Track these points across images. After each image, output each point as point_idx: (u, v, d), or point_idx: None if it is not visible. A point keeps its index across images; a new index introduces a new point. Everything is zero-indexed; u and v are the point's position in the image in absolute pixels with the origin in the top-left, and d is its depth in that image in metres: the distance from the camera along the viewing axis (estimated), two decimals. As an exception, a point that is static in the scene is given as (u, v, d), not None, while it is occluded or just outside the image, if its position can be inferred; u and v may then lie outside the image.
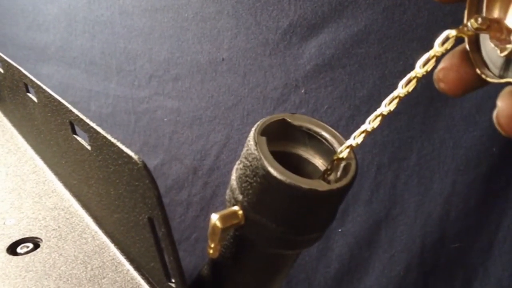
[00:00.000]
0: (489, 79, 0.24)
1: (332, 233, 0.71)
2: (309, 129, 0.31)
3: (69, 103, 0.45)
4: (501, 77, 0.24)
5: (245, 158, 0.28)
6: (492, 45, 0.24)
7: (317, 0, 0.65)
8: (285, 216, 0.28)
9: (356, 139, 0.27)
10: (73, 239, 0.46)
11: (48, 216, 0.51)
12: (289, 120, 0.30)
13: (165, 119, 0.92)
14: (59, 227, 0.49)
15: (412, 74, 0.25)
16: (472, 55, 0.25)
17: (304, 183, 0.26)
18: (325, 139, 0.30)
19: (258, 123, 0.29)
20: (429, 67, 0.24)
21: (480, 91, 0.24)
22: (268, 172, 0.26)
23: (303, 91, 0.70)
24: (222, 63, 0.78)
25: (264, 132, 0.29)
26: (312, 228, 0.29)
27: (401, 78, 0.25)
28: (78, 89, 1.10)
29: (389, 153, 0.64)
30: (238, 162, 0.30)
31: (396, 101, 0.26)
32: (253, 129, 0.29)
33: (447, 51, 0.24)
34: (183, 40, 0.84)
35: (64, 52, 1.14)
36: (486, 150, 0.58)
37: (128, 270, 0.41)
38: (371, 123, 0.26)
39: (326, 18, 0.65)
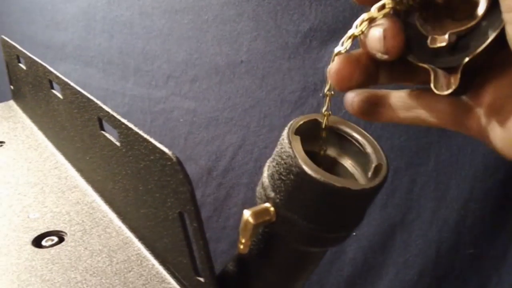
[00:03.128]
0: (410, 59, 0.26)
1: (346, 237, 0.72)
2: (340, 130, 0.31)
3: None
4: (422, 61, 0.26)
5: (279, 156, 0.29)
6: (419, 25, 0.26)
7: (338, 5, 0.65)
8: (317, 214, 0.29)
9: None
10: (98, 233, 0.47)
11: (71, 210, 0.52)
12: (321, 121, 0.31)
13: (181, 120, 0.93)
14: (83, 221, 0.49)
15: (349, 33, 0.28)
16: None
17: (337, 181, 0.27)
18: (356, 140, 0.31)
19: (292, 122, 0.30)
20: (363, 27, 0.27)
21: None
22: (303, 170, 0.27)
23: (321, 94, 0.71)
24: (241, 65, 0.79)
25: (297, 131, 0.29)
26: (342, 226, 0.30)
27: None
28: (95, 88, 1.11)
29: (407, 158, 0.64)
30: (270, 160, 0.31)
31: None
32: (286, 128, 0.29)
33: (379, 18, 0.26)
34: (202, 42, 0.85)
35: (82, 51, 1.15)
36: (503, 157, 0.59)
37: (153, 265, 0.42)
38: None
39: (347, 23, 0.65)
